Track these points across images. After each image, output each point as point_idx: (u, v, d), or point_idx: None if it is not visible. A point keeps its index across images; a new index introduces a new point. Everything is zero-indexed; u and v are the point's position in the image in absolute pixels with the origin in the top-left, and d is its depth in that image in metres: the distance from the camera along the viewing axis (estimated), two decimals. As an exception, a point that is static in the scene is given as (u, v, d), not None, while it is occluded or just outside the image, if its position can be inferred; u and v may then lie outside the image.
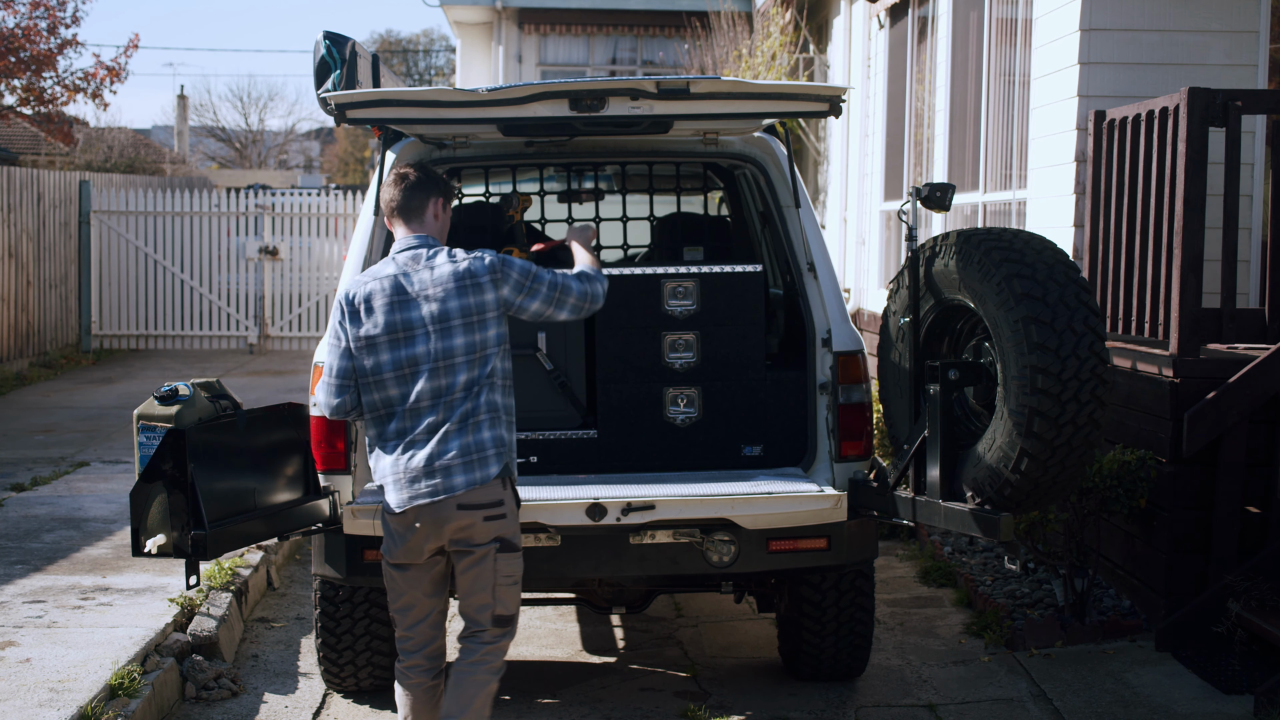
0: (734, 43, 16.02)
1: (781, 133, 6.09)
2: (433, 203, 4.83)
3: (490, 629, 4.73)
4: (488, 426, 4.63)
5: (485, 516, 4.63)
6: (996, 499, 4.92)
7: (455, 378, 4.61)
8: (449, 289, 4.64)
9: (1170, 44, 7.75)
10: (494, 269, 4.68)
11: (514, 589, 4.74)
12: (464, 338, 4.62)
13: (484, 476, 4.59)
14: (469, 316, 4.63)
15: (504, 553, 4.68)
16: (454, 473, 4.59)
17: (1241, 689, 5.79)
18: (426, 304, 4.64)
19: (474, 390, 4.62)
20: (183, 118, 44.44)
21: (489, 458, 4.62)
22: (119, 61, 20.50)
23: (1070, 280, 4.81)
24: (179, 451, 4.80)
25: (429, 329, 4.62)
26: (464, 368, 4.62)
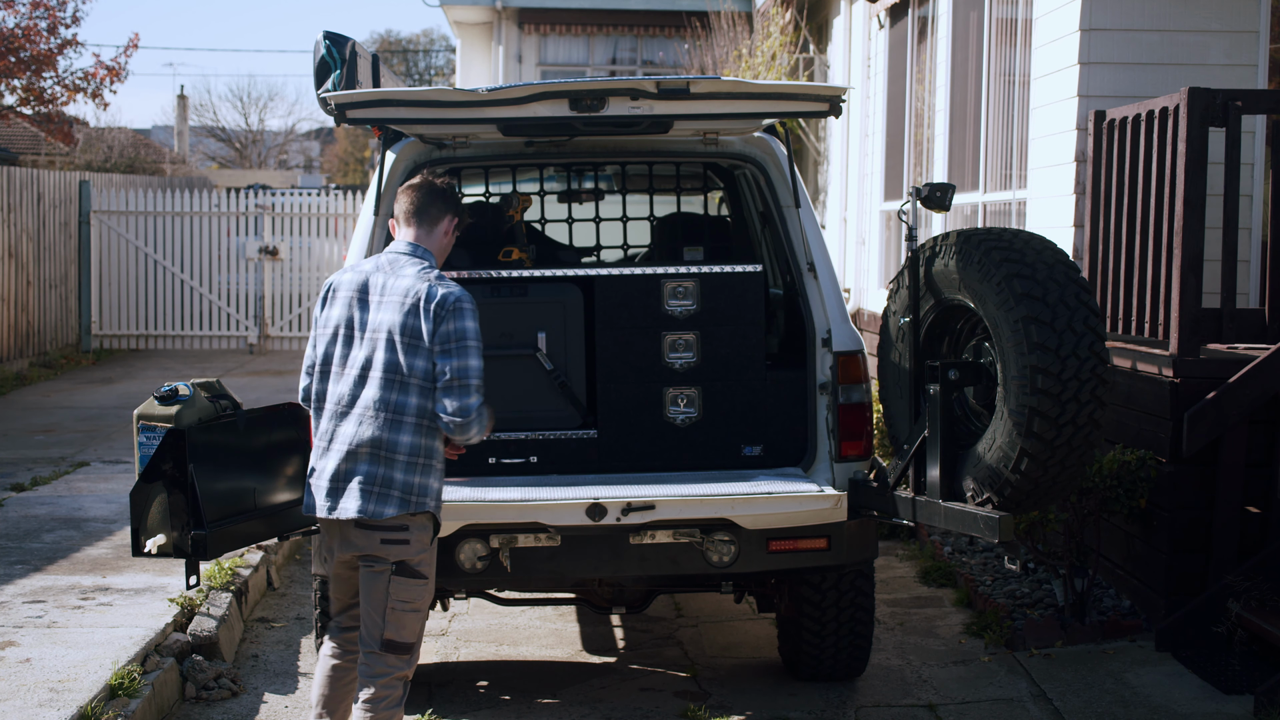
0: (734, 43, 16.02)
1: (781, 133, 6.09)
2: (448, 219, 4.75)
3: (381, 654, 4.55)
4: (402, 469, 4.50)
5: (383, 539, 4.53)
6: (996, 499, 4.92)
7: (376, 392, 4.50)
8: (396, 301, 4.53)
9: (1170, 44, 7.75)
10: (443, 304, 4.48)
11: (410, 616, 4.56)
12: (388, 354, 4.50)
13: (377, 512, 4.49)
14: (404, 336, 4.50)
15: (400, 576, 4.54)
16: (351, 496, 4.51)
17: (1241, 689, 5.79)
18: (377, 309, 4.56)
19: (391, 415, 4.49)
20: (183, 118, 44.44)
21: (391, 497, 4.49)
22: (119, 61, 20.50)
23: (1070, 280, 4.81)
24: (179, 451, 4.80)
25: (370, 335, 4.55)
26: (385, 385, 4.49)
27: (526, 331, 5.78)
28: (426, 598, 4.63)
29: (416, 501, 4.52)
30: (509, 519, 5.31)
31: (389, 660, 4.56)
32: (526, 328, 5.78)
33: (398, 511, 4.49)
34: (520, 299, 5.82)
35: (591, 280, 5.86)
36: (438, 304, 4.48)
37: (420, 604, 4.60)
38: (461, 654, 6.63)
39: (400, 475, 4.51)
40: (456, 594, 6.13)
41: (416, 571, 4.57)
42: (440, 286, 4.52)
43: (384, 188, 5.84)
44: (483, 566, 5.39)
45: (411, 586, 4.56)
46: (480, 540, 5.36)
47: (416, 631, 4.61)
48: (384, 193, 5.84)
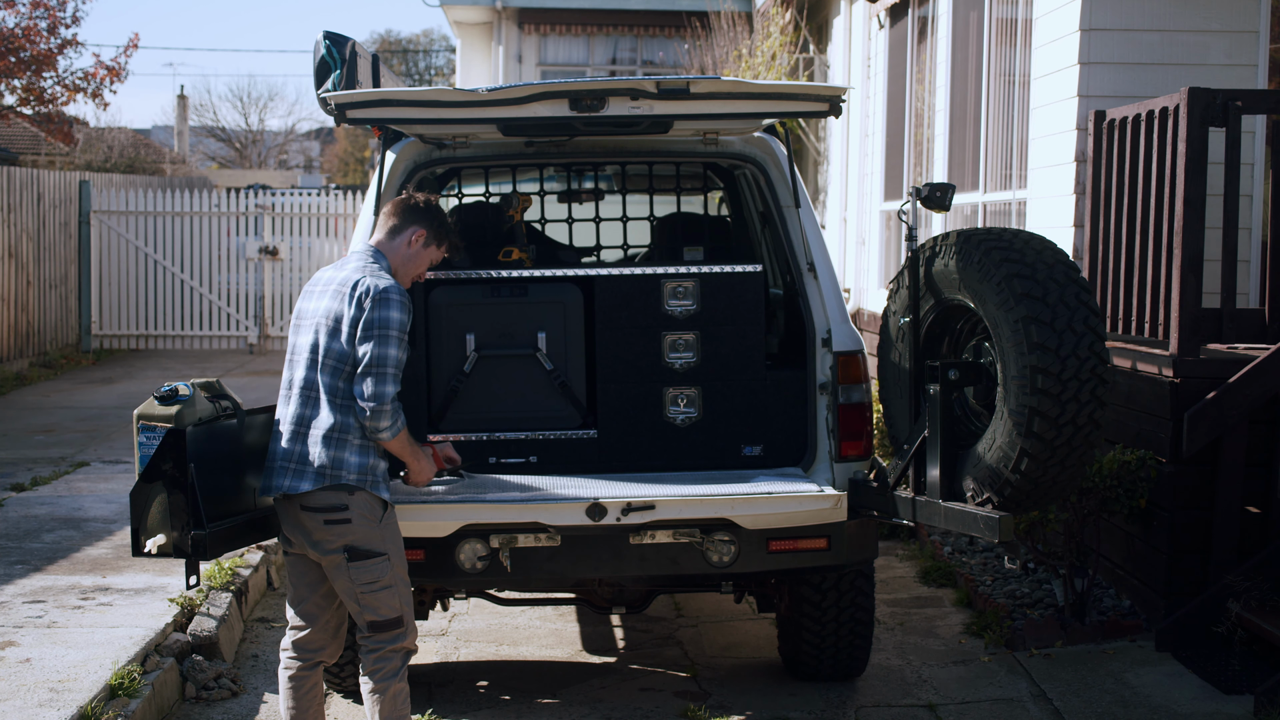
0: (734, 43, 16.02)
1: (781, 133, 6.09)
2: (411, 230, 4.91)
3: (371, 635, 4.70)
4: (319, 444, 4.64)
5: (325, 520, 4.64)
6: (996, 499, 4.92)
7: (303, 373, 4.73)
8: (332, 290, 4.75)
9: (1170, 44, 7.75)
10: (368, 292, 4.64)
11: (384, 594, 4.67)
12: (314, 338, 4.71)
13: (293, 486, 4.64)
14: (328, 319, 4.69)
15: (355, 560, 4.63)
16: (278, 475, 4.70)
17: (1241, 689, 5.79)
18: (319, 298, 4.78)
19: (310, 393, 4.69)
20: (183, 118, 44.44)
21: (306, 472, 4.64)
22: (119, 61, 20.50)
23: (1070, 280, 4.81)
24: (179, 451, 4.80)
25: (310, 322, 4.76)
26: (309, 365, 4.71)
27: (526, 331, 5.78)
28: (393, 572, 4.70)
29: (331, 474, 4.62)
30: (509, 519, 5.31)
31: (379, 638, 4.71)
32: (526, 328, 5.78)
33: (315, 485, 4.61)
34: (520, 299, 5.82)
35: (591, 280, 5.86)
36: (363, 291, 4.66)
37: (387, 580, 4.68)
38: (461, 654, 6.63)
39: (318, 449, 4.64)
40: (456, 594, 6.13)
41: (369, 551, 4.65)
42: (372, 278, 4.70)
43: (384, 188, 5.84)
44: (483, 566, 5.38)
45: (369, 567, 4.65)
46: (480, 540, 5.35)
47: (396, 606, 4.70)
48: (384, 193, 5.84)
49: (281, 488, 4.68)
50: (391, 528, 4.77)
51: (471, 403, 5.79)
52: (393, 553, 4.73)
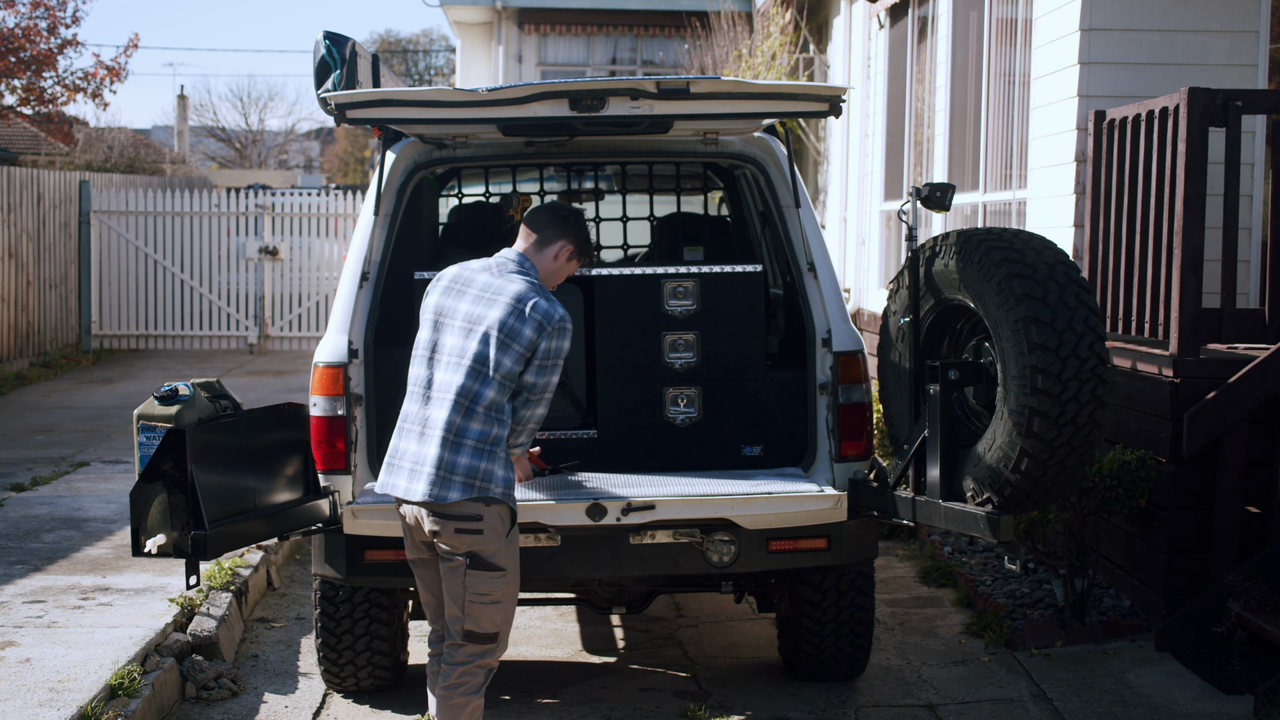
0: (734, 43, 16.02)
1: (781, 133, 6.09)
2: (560, 244, 4.88)
3: (464, 644, 4.66)
4: (469, 454, 4.58)
5: (457, 529, 4.60)
6: (997, 499, 4.92)
7: (454, 377, 4.62)
8: (504, 303, 4.65)
9: (1170, 44, 7.75)
10: (549, 319, 4.63)
11: (489, 608, 4.64)
12: (481, 347, 4.62)
13: (441, 495, 4.57)
14: (501, 333, 4.61)
15: (475, 569, 4.60)
16: (415, 478, 4.61)
17: (1241, 689, 5.79)
18: (476, 303, 4.68)
19: (467, 402, 4.60)
20: (183, 118, 44.44)
21: (454, 482, 4.57)
22: (119, 61, 20.50)
23: (1070, 280, 4.81)
24: (179, 451, 4.80)
25: (466, 326, 4.66)
26: (469, 374, 4.60)
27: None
28: (506, 589, 4.67)
29: (480, 486, 4.58)
30: (509, 519, 5.31)
31: (469, 650, 4.66)
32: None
33: (462, 496, 4.56)
34: (520, 299, 5.81)
35: (591, 280, 5.86)
36: (543, 317, 4.63)
37: (498, 595, 4.65)
38: (461, 654, 6.63)
39: (467, 460, 4.58)
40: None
41: (491, 564, 4.62)
42: (545, 300, 4.67)
43: (384, 188, 5.84)
44: (483, 566, 5.38)
45: (488, 579, 4.62)
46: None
47: (497, 622, 4.68)
48: (384, 193, 5.83)
49: (427, 495, 4.57)
50: (514, 543, 4.73)
51: (471, 403, 5.79)
52: (510, 569, 4.68)
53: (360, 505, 5.34)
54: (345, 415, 5.47)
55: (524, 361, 4.63)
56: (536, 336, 4.62)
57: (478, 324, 4.65)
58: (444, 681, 4.67)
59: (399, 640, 5.96)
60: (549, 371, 4.68)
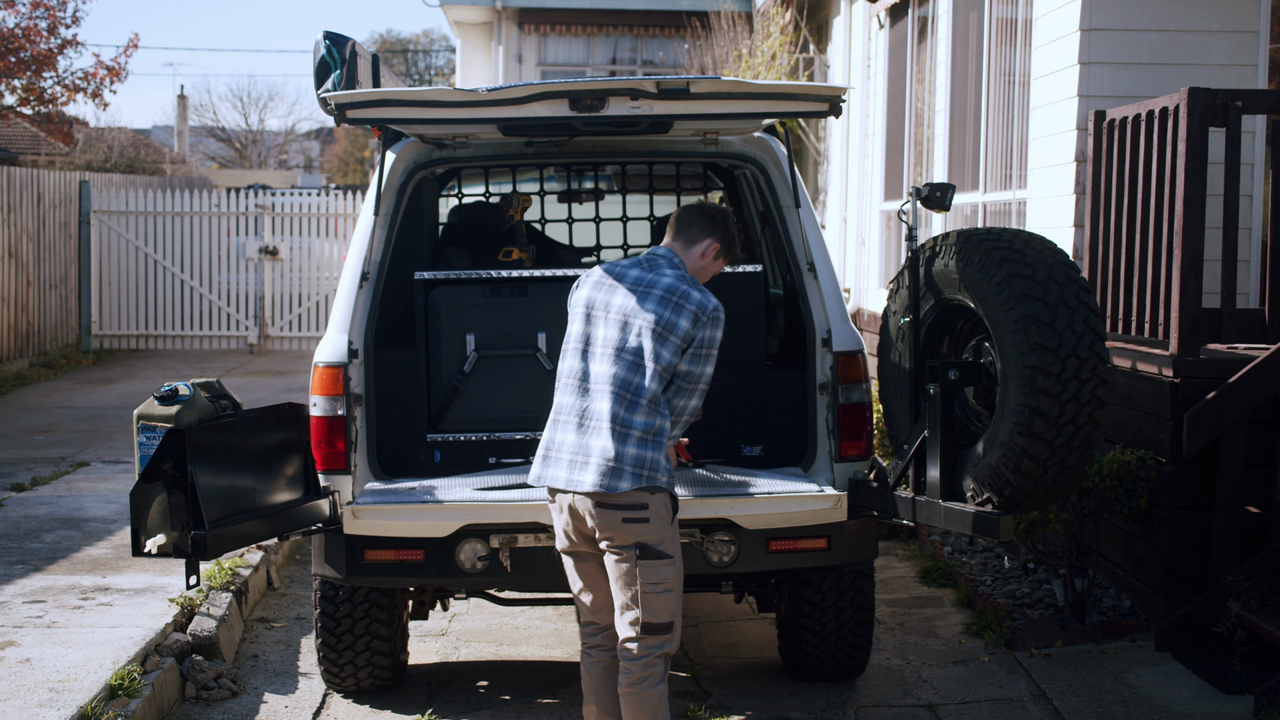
0: (734, 43, 16.02)
1: (781, 133, 6.09)
2: (707, 242, 4.91)
3: (642, 637, 4.66)
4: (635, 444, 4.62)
5: (624, 519, 4.62)
6: (996, 499, 4.92)
7: (615, 369, 4.65)
8: (658, 296, 4.69)
9: (1170, 44, 7.75)
10: (704, 309, 4.69)
11: (664, 597, 4.65)
12: (639, 340, 4.66)
13: (611, 485, 4.59)
14: (658, 326, 4.66)
15: (645, 559, 4.63)
16: (590, 470, 4.62)
17: (1241, 689, 5.79)
18: (629, 296, 4.72)
19: (630, 395, 4.63)
20: (183, 118, 44.44)
21: (624, 471, 4.59)
22: (119, 61, 20.50)
23: (1070, 280, 4.81)
24: (179, 451, 4.80)
25: (622, 319, 4.69)
26: (630, 367, 4.65)
27: (526, 331, 5.78)
28: (676, 577, 4.69)
29: (648, 475, 4.60)
30: (509, 519, 5.32)
31: (648, 641, 4.66)
32: (526, 328, 5.78)
33: (632, 486, 4.58)
34: (520, 299, 5.82)
35: (591, 280, 5.85)
36: (699, 306, 4.68)
37: (670, 583, 4.67)
38: (461, 654, 6.63)
39: (634, 450, 4.61)
40: (456, 594, 6.13)
41: (661, 552, 4.65)
42: (700, 293, 4.72)
43: (384, 188, 5.84)
44: (483, 566, 5.39)
45: (658, 568, 4.65)
46: (480, 540, 5.36)
47: (671, 610, 4.70)
48: (384, 193, 5.83)
49: (597, 485, 4.59)
50: (677, 530, 4.77)
51: (472, 403, 5.80)
52: (677, 556, 4.71)
53: (360, 505, 5.34)
54: (345, 415, 5.47)
55: (680, 352, 4.68)
56: (692, 327, 4.67)
57: (633, 317, 4.69)
58: (628, 679, 4.68)
59: (399, 640, 5.96)
60: (704, 361, 4.71)
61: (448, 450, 5.82)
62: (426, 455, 5.81)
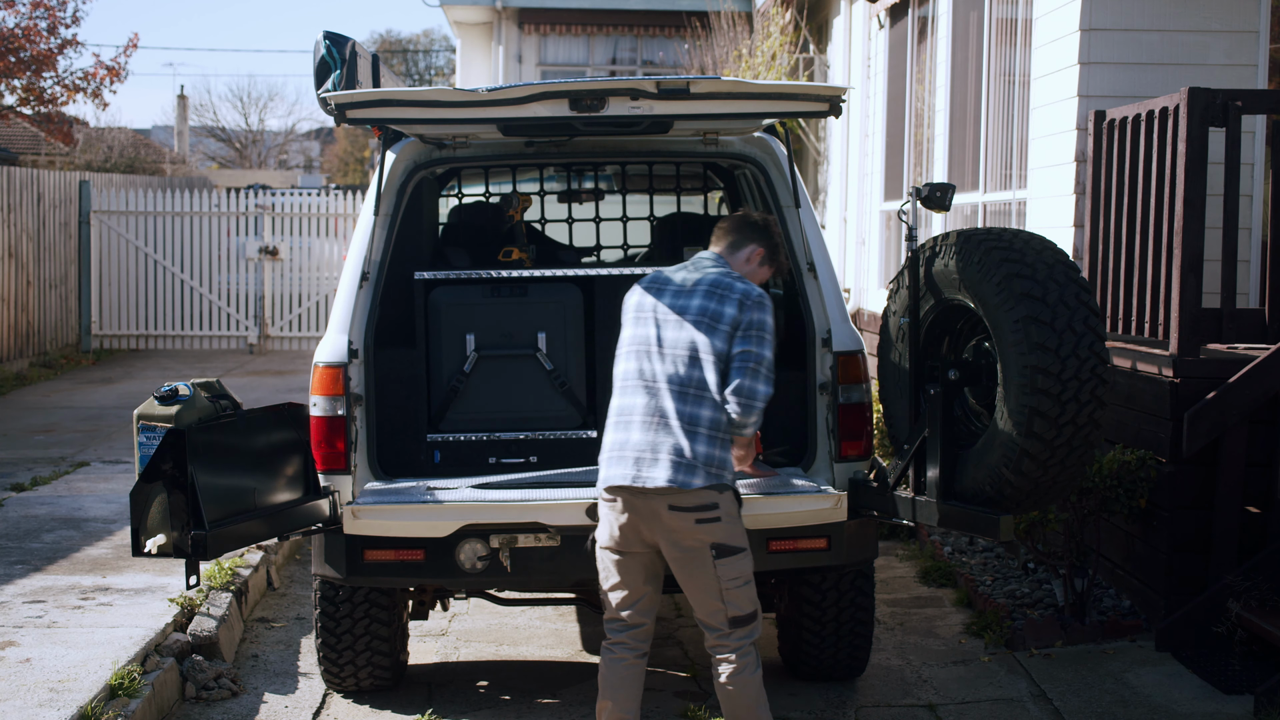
0: (734, 43, 16.02)
1: (781, 133, 6.09)
2: (752, 247, 5.00)
3: (732, 631, 4.75)
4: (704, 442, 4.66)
5: (696, 520, 4.65)
6: (996, 499, 4.92)
7: (675, 368, 4.70)
8: (704, 290, 4.78)
9: (1170, 44, 7.75)
10: (748, 296, 4.77)
11: (744, 589, 4.75)
12: (692, 335, 4.72)
13: (685, 482, 4.62)
14: (706, 317, 4.72)
15: (722, 557, 4.69)
16: (661, 467, 4.63)
17: (1241, 689, 5.79)
18: (677, 296, 4.79)
19: (694, 391, 4.67)
20: (183, 118, 44.44)
21: (696, 469, 4.64)
22: (119, 61, 20.50)
23: (1070, 280, 4.81)
24: (179, 451, 4.80)
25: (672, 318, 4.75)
26: (688, 364, 4.69)
27: (526, 331, 5.78)
28: (750, 566, 4.78)
29: (716, 473, 4.64)
30: (509, 519, 5.32)
31: (739, 633, 4.77)
32: (526, 328, 5.78)
33: (704, 483, 4.62)
34: (520, 299, 5.82)
35: (591, 280, 5.86)
36: (742, 293, 4.78)
37: (747, 574, 4.77)
38: (461, 654, 6.63)
39: (702, 448, 4.65)
40: (456, 594, 6.13)
41: (735, 548, 4.72)
42: (742, 282, 4.84)
43: (384, 188, 5.83)
44: (483, 566, 5.39)
45: (735, 563, 4.73)
46: (480, 540, 5.36)
47: (753, 598, 4.81)
48: (384, 193, 5.83)
49: (670, 481, 4.62)
50: (743, 523, 4.82)
51: (472, 403, 5.80)
52: (747, 548, 4.80)
53: (360, 505, 5.34)
54: (345, 415, 5.47)
55: (730, 339, 4.72)
56: (738, 313, 4.74)
57: (685, 314, 4.76)
58: (728, 673, 4.75)
59: (399, 640, 5.96)
60: (755, 342, 4.73)
61: (448, 450, 5.82)
62: (426, 455, 5.80)
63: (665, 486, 4.62)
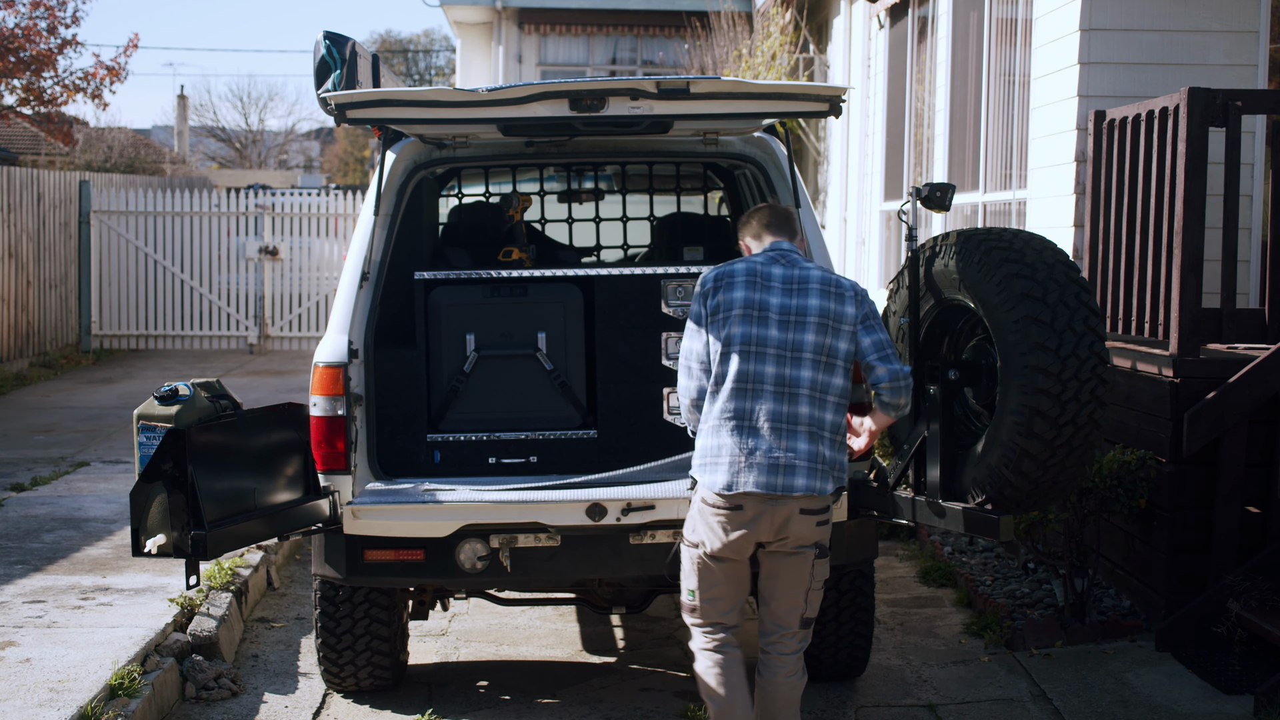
0: (734, 43, 16.03)
1: (781, 133, 6.09)
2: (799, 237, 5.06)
3: (798, 631, 4.77)
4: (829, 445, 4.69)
5: (818, 522, 4.70)
6: (997, 499, 4.92)
7: (800, 371, 4.67)
8: (816, 289, 4.74)
9: (1170, 44, 7.75)
10: (856, 291, 4.79)
11: (820, 592, 4.80)
12: (817, 337, 4.69)
13: (821, 489, 4.66)
14: (829, 319, 4.70)
15: (820, 558, 4.73)
16: (798, 474, 4.63)
17: (1241, 689, 5.79)
18: (786, 295, 4.73)
19: (819, 394, 4.68)
20: (183, 118, 44.44)
21: (830, 474, 4.68)
22: (119, 61, 20.50)
23: (1070, 280, 4.81)
24: (179, 451, 4.80)
25: (787, 318, 4.70)
26: (813, 366, 4.68)
27: (526, 331, 5.78)
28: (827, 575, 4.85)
29: (837, 476, 4.72)
30: (509, 519, 5.32)
31: (802, 635, 4.79)
32: (526, 328, 5.78)
33: (833, 487, 4.68)
34: (520, 299, 5.82)
35: (591, 280, 5.86)
36: (850, 289, 4.79)
37: (828, 576, 4.84)
38: (461, 654, 6.63)
39: (829, 452, 4.68)
40: (456, 594, 6.13)
41: (826, 549, 4.77)
42: (849, 279, 4.85)
43: (384, 188, 5.83)
44: (483, 566, 5.39)
45: (826, 565, 4.78)
46: (480, 540, 5.36)
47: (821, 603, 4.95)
48: (384, 193, 5.83)
49: (809, 489, 4.62)
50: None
51: (472, 403, 5.80)
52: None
53: (360, 505, 5.34)
54: (345, 415, 5.47)
55: (852, 338, 4.73)
56: (855, 309, 4.75)
57: (803, 315, 4.70)
58: (784, 671, 4.74)
59: (399, 640, 5.96)
60: (876, 329, 4.76)
61: (448, 450, 5.82)
62: (426, 455, 5.81)
63: (804, 494, 4.62)
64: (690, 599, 4.82)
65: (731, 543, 4.68)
